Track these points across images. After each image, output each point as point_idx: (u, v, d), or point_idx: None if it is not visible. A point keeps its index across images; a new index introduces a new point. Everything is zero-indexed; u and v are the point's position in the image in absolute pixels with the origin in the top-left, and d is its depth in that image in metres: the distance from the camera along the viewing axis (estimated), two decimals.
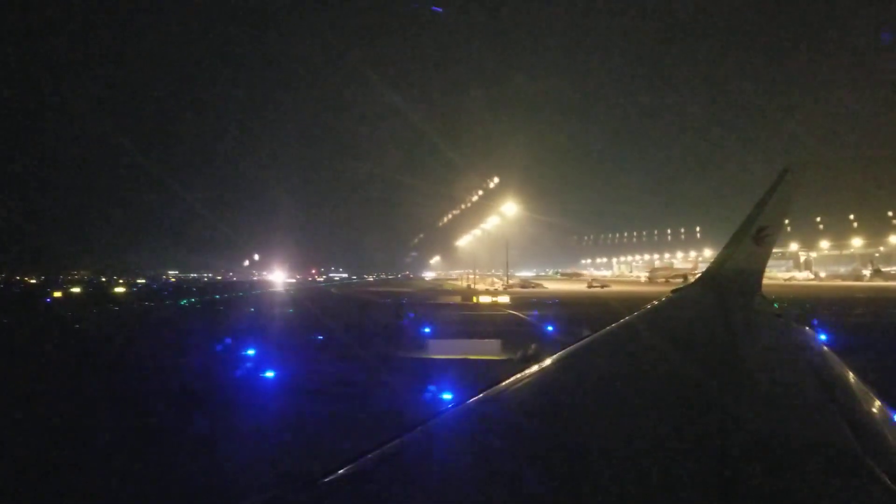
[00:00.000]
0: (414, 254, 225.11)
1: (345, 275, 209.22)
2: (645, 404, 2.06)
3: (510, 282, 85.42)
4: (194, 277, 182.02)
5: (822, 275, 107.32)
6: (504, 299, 51.19)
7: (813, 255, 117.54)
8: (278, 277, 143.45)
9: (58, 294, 68.08)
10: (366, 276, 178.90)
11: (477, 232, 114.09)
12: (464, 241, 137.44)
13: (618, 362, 2.73)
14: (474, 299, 52.91)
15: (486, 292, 65.14)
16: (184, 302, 53.25)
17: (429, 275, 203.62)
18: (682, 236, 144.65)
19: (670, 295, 4.73)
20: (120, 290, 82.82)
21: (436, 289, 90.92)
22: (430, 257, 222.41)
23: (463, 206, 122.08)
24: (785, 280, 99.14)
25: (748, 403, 2.11)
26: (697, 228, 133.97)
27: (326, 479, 1.39)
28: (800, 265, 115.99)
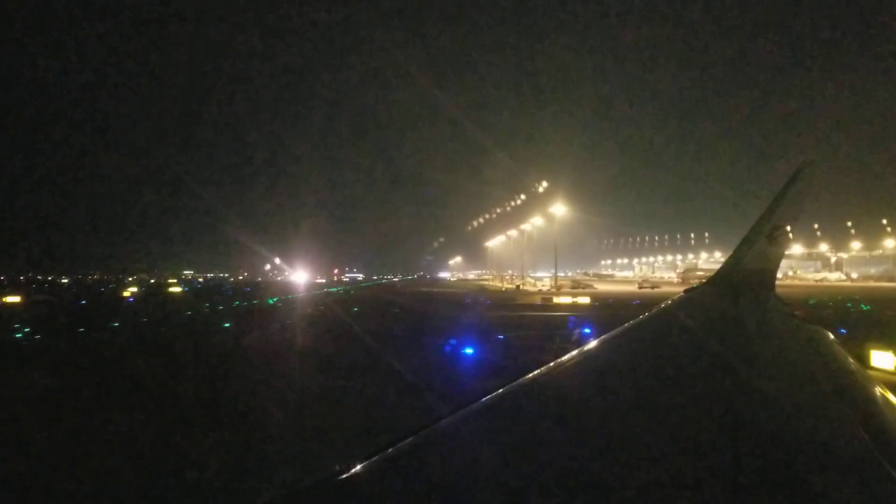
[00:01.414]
0: (430, 258, 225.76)
1: (361, 275, 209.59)
2: (655, 403, 2.07)
3: (559, 283, 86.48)
4: (211, 277, 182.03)
5: (854, 276, 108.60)
6: (585, 300, 52.38)
7: (844, 256, 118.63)
8: (300, 277, 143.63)
9: (126, 294, 68.72)
10: (390, 277, 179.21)
11: (512, 233, 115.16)
12: (492, 243, 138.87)
13: (629, 362, 2.75)
14: (555, 300, 54.20)
15: (555, 293, 66.31)
16: (270, 301, 54.07)
17: (445, 275, 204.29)
18: (707, 239, 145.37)
19: (682, 294, 4.62)
20: (175, 290, 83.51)
21: (485, 289, 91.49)
22: (449, 258, 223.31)
23: (499, 210, 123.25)
24: (816, 281, 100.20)
25: (760, 403, 2.13)
26: (721, 231, 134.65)
27: (347, 474, 1.39)
28: (830, 266, 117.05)
